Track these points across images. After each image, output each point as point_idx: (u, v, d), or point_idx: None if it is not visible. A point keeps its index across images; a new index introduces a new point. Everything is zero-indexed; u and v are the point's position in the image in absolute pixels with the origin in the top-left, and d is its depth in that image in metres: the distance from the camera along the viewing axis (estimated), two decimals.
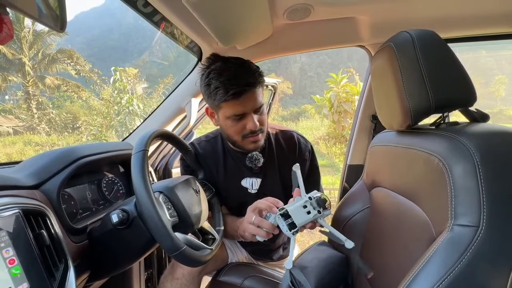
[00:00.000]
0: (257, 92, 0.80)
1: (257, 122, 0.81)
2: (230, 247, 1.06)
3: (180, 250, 0.58)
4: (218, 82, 0.77)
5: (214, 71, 0.78)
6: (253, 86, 0.78)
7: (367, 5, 0.88)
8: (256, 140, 0.85)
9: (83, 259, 0.65)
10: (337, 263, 0.83)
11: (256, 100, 0.80)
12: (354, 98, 6.68)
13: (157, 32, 0.91)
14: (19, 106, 16.49)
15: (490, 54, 33.93)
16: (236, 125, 0.82)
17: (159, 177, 1.26)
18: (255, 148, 0.87)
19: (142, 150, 0.62)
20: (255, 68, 0.82)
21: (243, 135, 0.83)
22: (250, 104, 0.80)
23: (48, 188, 0.62)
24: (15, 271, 0.44)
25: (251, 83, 0.77)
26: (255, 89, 0.79)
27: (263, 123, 0.85)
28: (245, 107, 0.80)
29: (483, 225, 0.42)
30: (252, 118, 0.81)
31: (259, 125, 0.82)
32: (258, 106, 0.82)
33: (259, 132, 0.84)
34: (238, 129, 0.83)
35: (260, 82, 0.81)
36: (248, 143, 0.85)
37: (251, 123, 0.80)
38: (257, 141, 0.85)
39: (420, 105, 0.56)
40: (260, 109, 0.83)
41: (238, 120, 0.81)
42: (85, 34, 71.71)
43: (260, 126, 0.83)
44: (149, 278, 1.19)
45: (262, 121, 0.84)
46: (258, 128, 0.83)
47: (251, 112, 0.81)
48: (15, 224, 0.47)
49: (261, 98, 0.83)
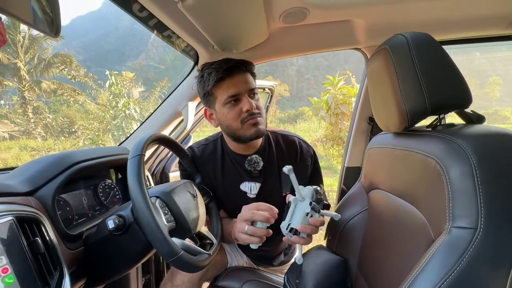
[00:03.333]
0: (248, 76, 0.85)
1: (253, 103, 0.82)
2: (230, 252, 1.05)
3: (177, 256, 0.58)
4: (210, 69, 0.83)
5: (204, 67, 0.85)
6: (242, 68, 0.83)
7: (362, 8, 0.89)
8: (256, 122, 0.84)
9: (79, 266, 0.64)
10: (336, 266, 0.83)
11: (248, 82, 0.84)
12: (351, 100, 6.71)
13: (152, 36, 0.92)
14: (14, 110, 16.38)
15: (484, 56, 34.35)
16: (233, 110, 0.83)
17: (156, 181, 1.25)
18: (256, 133, 0.84)
19: (138, 155, 0.62)
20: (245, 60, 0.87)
21: (242, 120, 0.83)
22: (243, 84, 0.83)
23: (43, 195, 0.61)
24: (8, 280, 0.43)
25: (239, 65, 0.83)
26: (246, 72, 0.84)
27: (259, 108, 0.85)
28: (238, 87, 0.82)
29: (481, 227, 0.42)
30: (247, 99, 0.82)
31: (255, 107, 0.83)
32: (251, 88, 0.84)
33: (258, 116, 0.84)
34: (235, 114, 0.83)
35: (249, 69, 0.86)
36: (249, 127, 0.83)
37: (247, 104, 0.81)
38: (257, 124, 0.84)
39: (416, 107, 0.56)
40: (254, 94, 0.86)
41: (234, 105, 0.83)
42: (82, 38, 71.64)
43: (258, 110, 0.84)
44: (147, 284, 1.17)
45: (259, 106, 0.85)
46: (256, 111, 0.83)
47: (245, 94, 0.83)
48: (9, 232, 0.46)
49: (254, 82, 0.86)
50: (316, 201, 0.66)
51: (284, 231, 0.67)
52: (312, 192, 0.67)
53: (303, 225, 0.66)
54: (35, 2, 0.38)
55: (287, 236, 0.68)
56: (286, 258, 1.12)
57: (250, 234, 0.72)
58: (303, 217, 0.66)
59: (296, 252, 0.71)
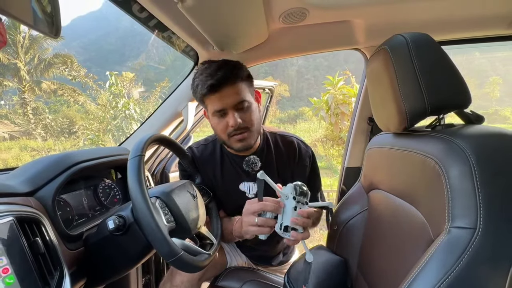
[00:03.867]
0: (236, 88, 0.79)
1: (238, 119, 0.80)
2: (230, 252, 1.05)
3: (177, 256, 0.58)
4: (198, 80, 0.80)
5: (198, 71, 0.82)
6: (229, 80, 0.78)
7: (362, 9, 0.89)
8: (242, 138, 0.83)
9: (79, 266, 0.64)
10: (336, 266, 0.83)
11: (235, 95, 0.79)
12: (351, 100, 6.70)
13: (152, 36, 0.92)
14: (15, 111, 16.38)
15: (484, 55, 34.35)
16: (220, 122, 0.83)
17: (156, 181, 1.25)
18: (243, 147, 0.85)
19: (138, 155, 0.62)
20: (238, 64, 0.82)
21: (228, 133, 0.83)
22: (229, 99, 0.79)
23: (43, 195, 0.62)
24: (8, 280, 0.43)
25: (227, 77, 0.78)
26: (233, 84, 0.79)
27: (248, 121, 0.82)
28: (223, 102, 0.79)
29: (480, 227, 0.42)
30: (232, 114, 0.80)
31: (241, 121, 0.80)
32: (238, 102, 0.80)
33: (244, 131, 0.82)
34: (222, 127, 0.83)
35: (239, 78, 0.80)
36: (235, 141, 0.84)
37: (231, 120, 0.80)
38: (243, 140, 0.83)
39: (416, 108, 0.56)
40: (243, 106, 0.81)
41: (221, 117, 0.82)
42: (82, 38, 71.69)
43: (245, 124, 0.82)
44: (147, 284, 1.17)
45: (247, 119, 0.82)
46: (242, 126, 0.81)
47: (232, 108, 0.80)
48: (9, 232, 0.46)
49: (244, 94, 0.81)
50: (300, 194, 0.67)
51: (280, 233, 0.68)
52: (292, 188, 0.68)
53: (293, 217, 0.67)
54: (35, 3, 0.38)
55: (284, 236, 0.68)
56: (285, 258, 1.12)
57: (260, 225, 0.72)
58: (292, 212, 0.67)
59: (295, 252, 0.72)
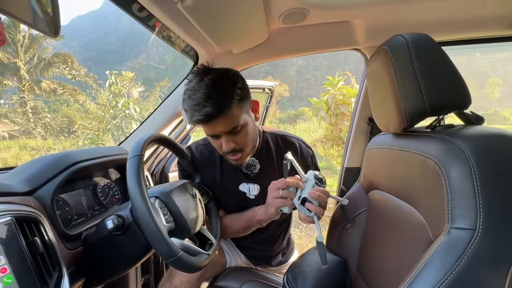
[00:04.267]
0: (227, 116, 0.74)
1: (231, 144, 0.78)
2: (229, 252, 1.05)
3: (177, 256, 0.58)
4: (187, 105, 0.75)
5: (188, 91, 0.76)
6: (219, 111, 0.72)
7: (362, 9, 0.89)
8: (236, 159, 0.83)
9: (78, 266, 0.64)
10: (335, 266, 0.83)
11: (227, 124, 0.75)
12: (350, 101, 6.71)
13: (153, 36, 0.92)
14: (14, 110, 16.36)
15: (484, 56, 34.38)
16: (215, 142, 0.83)
17: (155, 181, 1.25)
18: (238, 164, 0.88)
19: (138, 155, 0.62)
20: (230, 85, 0.75)
21: (223, 153, 0.83)
22: (221, 127, 0.76)
23: (42, 194, 0.61)
24: (7, 280, 0.43)
25: (217, 109, 0.71)
26: (224, 113, 0.73)
27: (242, 143, 0.80)
28: (214, 130, 0.77)
29: (480, 228, 0.42)
30: (225, 140, 0.78)
31: (235, 145, 0.79)
32: (229, 129, 0.76)
33: (238, 153, 0.82)
34: (217, 146, 0.83)
35: (231, 104, 0.74)
36: (229, 159, 0.85)
37: (224, 145, 0.79)
38: (238, 160, 0.84)
39: (416, 108, 0.56)
40: (236, 131, 0.78)
41: (215, 139, 0.81)
42: (82, 38, 71.64)
43: (239, 146, 0.80)
44: (146, 284, 1.17)
45: (241, 142, 0.80)
46: (237, 148, 0.80)
47: (225, 134, 0.77)
48: (8, 232, 0.46)
49: (237, 120, 0.76)
50: (319, 180, 0.74)
51: (297, 204, 0.73)
52: (313, 173, 0.74)
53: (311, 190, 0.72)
54: (34, 2, 0.38)
55: (301, 210, 0.73)
56: (284, 258, 1.12)
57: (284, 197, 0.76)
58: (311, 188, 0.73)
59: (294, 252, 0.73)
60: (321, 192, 0.72)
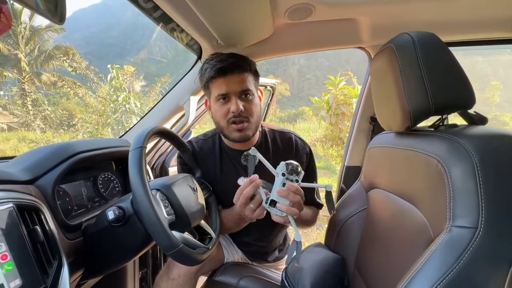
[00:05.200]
0: (244, 76, 0.83)
1: (241, 106, 0.82)
2: (227, 247, 1.05)
3: (177, 249, 0.58)
4: (208, 64, 0.84)
5: (208, 58, 0.86)
6: (239, 67, 0.82)
7: (368, 7, 0.89)
8: (240, 128, 0.84)
9: (78, 256, 0.64)
10: (333, 264, 0.83)
11: (241, 83, 0.83)
12: (351, 101, 6.70)
13: (155, 31, 0.92)
14: (14, 102, 16.29)
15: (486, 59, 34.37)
16: (221, 108, 0.84)
17: (155, 175, 1.25)
18: (240, 138, 0.86)
19: (140, 147, 0.61)
20: (247, 58, 0.86)
21: (228, 120, 0.84)
22: (235, 85, 0.82)
23: (43, 184, 0.61)
24: (7, 267, 0.43)
25: (237, 64, 0.82)
26: (241, 72, 0.83)
27: (250, 111, 0.84)
28: (229, 86, 0.82)
29: (481, 227, 0.42)
30: (235, 101, 0.82)
31: (243, 109, 0.82)
32: (243, 89, 0.83)
33: (244, 121, 0.84)
34: (223, 113, 0.84)
35: (248, 69, 0.84)
36: (233, 130, 0.85)
37: (233, 106, 0.82)
38: (242, 130, 0.84)
39: (420, 107, 0.56)
40: (247, 95, 0.84)
41: (223, 103, 0.84)
42: (84, 31, 71.30)
43: (246, 113, 0.83)
44: (143, 277, 1.17)
45: (249, 109, 0.84)
46: (243, 115, 0.83)
47: (236, 94, 0.83)
48: (9, 219, 0.46)
49: (249, 85, 0.84)
50: (291, 172, 0.64)
51: (266, 207, 0.66)
52: (283, 166, 0.64)
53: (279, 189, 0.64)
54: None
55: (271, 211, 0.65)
56: (281, 254, 1.13)
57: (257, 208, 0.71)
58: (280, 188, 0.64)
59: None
60: (293, 190, 0.64)
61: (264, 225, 0.98)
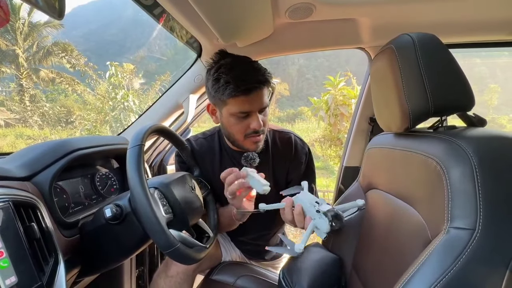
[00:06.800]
0: (264, 92, 0.81)
1: (261, 122, 0.82)
2: (225, 245, 1.05)
3: (174, 247, 0.58)
4: (228, 77, 0.76)
5: (224, 66, 0.79)
6: (263, 84, 0.79)
7: (369, 7, 0.88)
8: (257, 141, 0.85)
9: (74, 254, 0.63)
10: (331, 264, 0.83)
11: (262, 100, 0.81)
12: (351, 102, 6.73)
13: (155, 29, 0.91)
14: (11, 98, 16.18)
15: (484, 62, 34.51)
16: (239, 123, 0.82)
17: (153, 173, 1.24)
18: (255, 149, 0.87)
19: (138, 144, 0.61)
20: (264, 68, 0.82)
21: (246, 135, 0.83)
22: (257, 103, 0.80)
23: (40, 180, 0.61)
24: (3, 263, 0.42)
25: (261, 81, 0.78)
26: (263, 88, 0.80)
27: (265, 124, 0.85)
28: (252, 105, 0.80)
29: (479, 228, 0.42)
30: (257, 117, 0.81)
31: (262, 125, 0.82)
32: (264, 106, 0.82)
33: (261, 133, 0.84)
34: (241, 128, 0.82)
35: (268, 82, 0.81)
36: (249, 143, 0.85)
37: (255, 123, 0.80)
38: (258, 142, 0.85)
39: (419, 108, 0.56)
40: (265, 110, 0.84)
41: (242, 119, 0.81)
42: (83, 28, 70.91)
43: (263, 128, 0.84)
44: (140, 276, 1.17)
45: (265, 122, 0.85)
46: (261, 129, 0.83)
47: (257, 111, 0.81)
48: (5, 216, 0.46)
49: (267, 99, 0.83)
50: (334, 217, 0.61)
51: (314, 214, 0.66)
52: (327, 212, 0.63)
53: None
54: None
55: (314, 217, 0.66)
56: (278, 253, 1.13)
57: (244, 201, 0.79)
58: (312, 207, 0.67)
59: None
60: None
61: (261, 224, 0.99)
